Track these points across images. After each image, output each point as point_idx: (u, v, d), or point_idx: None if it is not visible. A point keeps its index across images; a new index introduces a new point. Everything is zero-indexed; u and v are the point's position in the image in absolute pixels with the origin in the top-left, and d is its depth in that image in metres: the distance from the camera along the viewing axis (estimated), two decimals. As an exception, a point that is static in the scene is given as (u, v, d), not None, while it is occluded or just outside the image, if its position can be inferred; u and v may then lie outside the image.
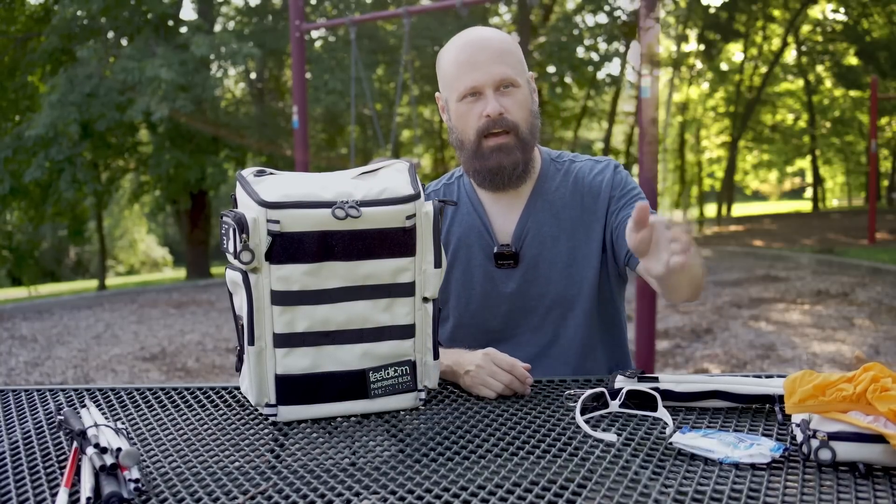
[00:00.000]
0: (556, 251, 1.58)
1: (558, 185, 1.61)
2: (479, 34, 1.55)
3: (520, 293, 1.58)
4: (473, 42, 1.53)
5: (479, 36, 1.54)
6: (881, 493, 0.93)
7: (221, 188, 14.30)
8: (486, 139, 1.52)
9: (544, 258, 1.58)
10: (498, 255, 1.59)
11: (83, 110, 11.49)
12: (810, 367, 5.31)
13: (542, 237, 1.58)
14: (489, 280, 1.60)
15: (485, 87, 1.50)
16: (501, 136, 1.52)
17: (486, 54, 1.50)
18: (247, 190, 1.25)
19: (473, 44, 1.53)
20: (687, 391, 1.25)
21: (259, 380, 1.26)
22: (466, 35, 1.56)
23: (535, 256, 1.58)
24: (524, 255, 1.59)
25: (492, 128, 1.51)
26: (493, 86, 1.50)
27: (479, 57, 1.50)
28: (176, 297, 11.20)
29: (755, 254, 13.16)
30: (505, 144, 1.52)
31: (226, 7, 16.38)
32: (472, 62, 1.50)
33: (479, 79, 1.50)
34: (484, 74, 1.50)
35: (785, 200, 41.21)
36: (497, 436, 1.17)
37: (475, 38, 1.54)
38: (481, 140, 1.52)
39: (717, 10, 18.41)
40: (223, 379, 5.89)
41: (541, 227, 1.59)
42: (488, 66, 1.50)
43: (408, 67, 11.43)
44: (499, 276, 1.60)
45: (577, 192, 1.60)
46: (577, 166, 1.63)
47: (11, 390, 1.47)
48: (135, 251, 29.34)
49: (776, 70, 22.37)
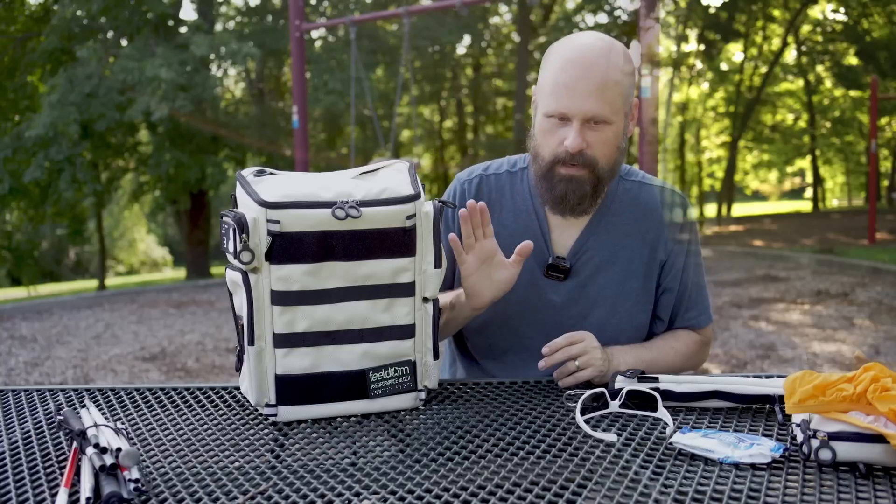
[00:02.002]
0: (608, 278, 1.54)
1: (624, 209, 1.56)
2: (590, 55, 1.41)
3: (561, 309, 1.54)
4: (580, 63, 1.41)
5: (589, 57, 1.41)
6: (881, 493, 0.93)
7: (221, 188, 14.31)
8: (559, 165, 1.45)
9: (595, 282, 1.54)
10: (552, 266, 1.54)
11: (83, 110, 11.49)
12: (810, 367, 5.32)
13: (598, 260, 1.54)
14: (534, 287, 1.55)
15: (573, 118, 1.41)
16: (577, 168, 1.44)
17: (586, 84, 1.40)
18: (247, 190, 1.25)
19: (579, 65, 1.41)
20: (687, 391, 1.25)
21: (259, 380, 1.26)
22: (577, 49, 1.43)
23: (586, 277, 1.54)
24: (576, 272, 1.54)
25: (569, 160, 1.43)
26: (581, 119, 1.41)
27: (577, 85, 1.40)
28: (176, 297, 11.20)
29: (755, 254, 13.16)
30: (577, 177, 1.44)
31: (226, 7, 16.39)
32: (570, 87, 1.40)
33: (571, 108, 1.40)
34: (576, 106, 1.40)
35: (785, 200, 41.23)
36: (497, 436, 1.17)
37: (584, 58, 1.41)
38: (554, 165, 1.45)
39: (717, 10, 18.40)
40: (223, 379, 5.89)
41: (600, 249, 1.54)
42: (584, 99, 1.39)
43: (408, 67, 11.43)
44: (544, 285, 1.55)
45: (642, 223, 1.56)
46: (647, 191, 1.58)
47: (11, 390, 1.47)
48: (135, 251, 29.35)
49: (776, 70, 22.39)
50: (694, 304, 1.60)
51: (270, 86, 17.20)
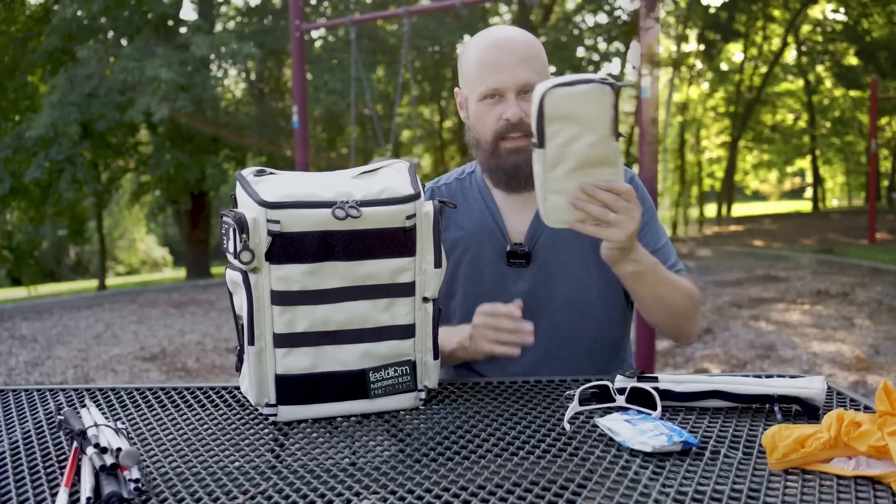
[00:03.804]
0: (568, 254, 1.57)
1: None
2: (506, 35, 1.52)
3: (530, 294, 1.56)
4: (499, 43, 1.50)
5: (506, 37, 1.51)
6: (881, 493, 0.93)
7: (221, 188, 14.30)
8: (503, 141, 1.51)
9: (556, 260, 1.57)
10: (511, 253, 1.57)
11: (83, 110, 11.49)
12: (810, 367, 5.32)
13: (555, 239, 1.57)
14: (499, 279, 1.59)
15: (507, 91, 1.48)
16: (520, 139, 1.50)
17: (511, 57, 1.48)
18: (247, 190, 1.25)
19: (499, 45, 1.50)
20: (687, 391, 1.25)
21: (259, 380, 1.26)
22: (492, 35, 1.53)
23: (547, 257, 1.57)
24: (536, 255, 1.57)
25: (510, 131, 1.50)
26: (515, 90, 1.48)
27: (503, 60, 1.48)
28: (176, 297, 11.20)
29: (755, 254, 13.16)
30: (523, 147, 1.49)
31: (226, 7, 16.39)
32: (497, 64, 1.48)
33: (502, 82, 1.48)
34: (507, 78, 1.48)
35: (785, 200, 41.21)
36: (497, 436, 1.17)
37: (501, 38, 1.51)
38: (498, 142, 1.51)
39: (717, 10, 18.42)
40: (223, 379, 5.89)
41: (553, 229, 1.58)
42: (512, 70, 1.48)
43: (408, 67, 11.43)
44: (509, 275, 1.59)
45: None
46: None
47: (11, 390, 1.47)
48: (135, 251, 29.34)
49: (776, 70, 22.39)
50: (666, 257, 1.57)
51: (270, 86, 17.20)
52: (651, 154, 4.31)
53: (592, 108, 1.25)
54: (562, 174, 1.27)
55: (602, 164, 1.27)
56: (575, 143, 1.26)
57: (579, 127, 1.26)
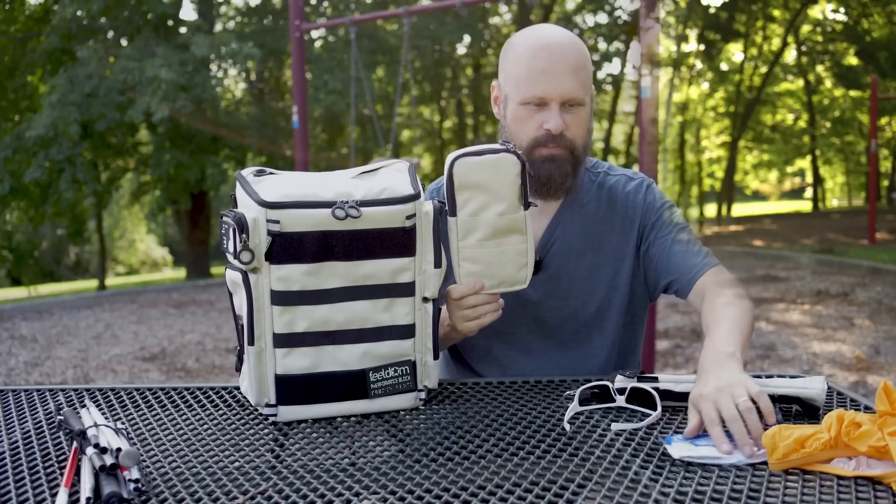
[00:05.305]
0: (579, 266, 1.55)
1: (591, 198, 1.57)
2: (559, 41, 1.47)
3: (538, 302, 1.55)
4: (552, 49, 1.45)
5: (559, 43, 1.46)
6: (882, 493, 0.93)
7: (221, 188, 14.30)
8: (539, 147, 1.47)
9: (567, 271, 1.55)
10: None
11: (83, 110, 11.49)
12: (810, 367, 5.32)
13: (568, 249, 1.55)
14: None
15: (552, 101, 1.45)
16: (557, 149, 1.47)
17: (561, 66, 1.44)
18: (247, 190, 1.25)
19: (552, 51, 1.45)
20: (687, 391, 1.25)
21: (259, 380, 1.26)
22: (545, 37, 1.48)
23: (558, 268, 1.55)
24: (548, 264, 1.55)
25: (549, 142, 1.46)
26: (560, 100, 1.45)
27: (554, 68, 1.44)
28: (176, 297, 11.20)
29: (755, 254, 13.16)
30: (559, 156, 1.47)
31: (226, 7, 16.38)
32: (546, 71, 1.44)
33: (549, 91, 1.44)
34: (555, 88, 1.44)
35: (785, 200, 41.21)
36: (497, 436, 1.17)
37: (554, 44, 1.46)
38: (534, 149, 1.47)
39: (717, 10, 18.40)
40: (223, 379, 5.89)
41: (568, 238, 1.55)
42: (562, 81, 1.44)
43: (408, 67, 11.43)
44: None
45: (610, 209, 1.56)
46: (612, 180, 1.59)
47: (11, 390, 1.47)
48: (135, 251, 29.34)
49: (776, 70, 22.37)
50: (696, 253, 1.53)
51: (270, 86, 17.19)
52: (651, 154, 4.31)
53: (500, 177, 1.31)
54: (474, 242, 1.34)
55: (512, 233, 1.34)
56: (484, 212, 1.33)
57: (487, 196, 1.32)
